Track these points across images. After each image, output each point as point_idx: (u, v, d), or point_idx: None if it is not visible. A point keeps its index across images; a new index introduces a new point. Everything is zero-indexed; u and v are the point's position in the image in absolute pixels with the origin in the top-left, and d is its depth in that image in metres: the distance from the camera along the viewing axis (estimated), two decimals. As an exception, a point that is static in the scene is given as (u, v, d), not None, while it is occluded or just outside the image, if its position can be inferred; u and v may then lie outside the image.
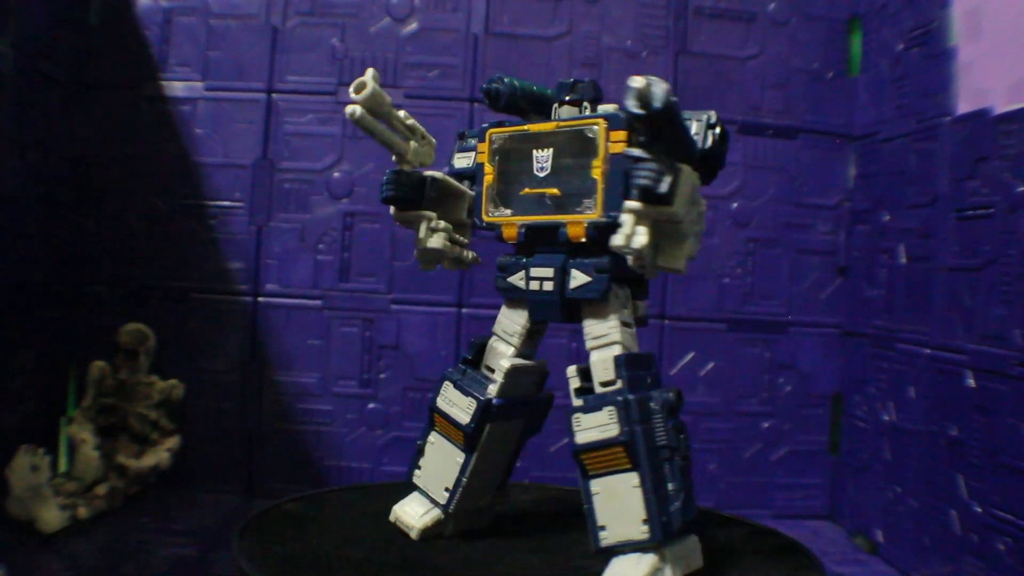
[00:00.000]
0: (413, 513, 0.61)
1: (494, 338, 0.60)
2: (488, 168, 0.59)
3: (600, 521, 0.52)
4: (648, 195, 0.47)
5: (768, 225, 1.04)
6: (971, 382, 0.76)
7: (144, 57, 1.00)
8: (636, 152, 0.49)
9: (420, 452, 0.61)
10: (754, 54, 1.04)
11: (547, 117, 0.59)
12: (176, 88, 1.01)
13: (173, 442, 0.92)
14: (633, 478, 0.50)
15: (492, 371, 0.60)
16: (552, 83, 0.61)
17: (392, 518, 0.62)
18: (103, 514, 0.84)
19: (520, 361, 0.60)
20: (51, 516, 0.78)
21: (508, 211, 0.58)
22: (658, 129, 0.47)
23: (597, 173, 0.54)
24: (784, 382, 1.04)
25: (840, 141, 1.04)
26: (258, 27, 1.01)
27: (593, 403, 0.53)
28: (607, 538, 0.51)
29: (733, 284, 1.03)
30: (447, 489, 0.60)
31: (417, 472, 0.61)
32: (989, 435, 0.73)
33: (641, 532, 0.50)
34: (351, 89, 0.54)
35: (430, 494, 0.61)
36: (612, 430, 0.51)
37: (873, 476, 0.93)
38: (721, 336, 1.03)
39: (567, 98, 0.58)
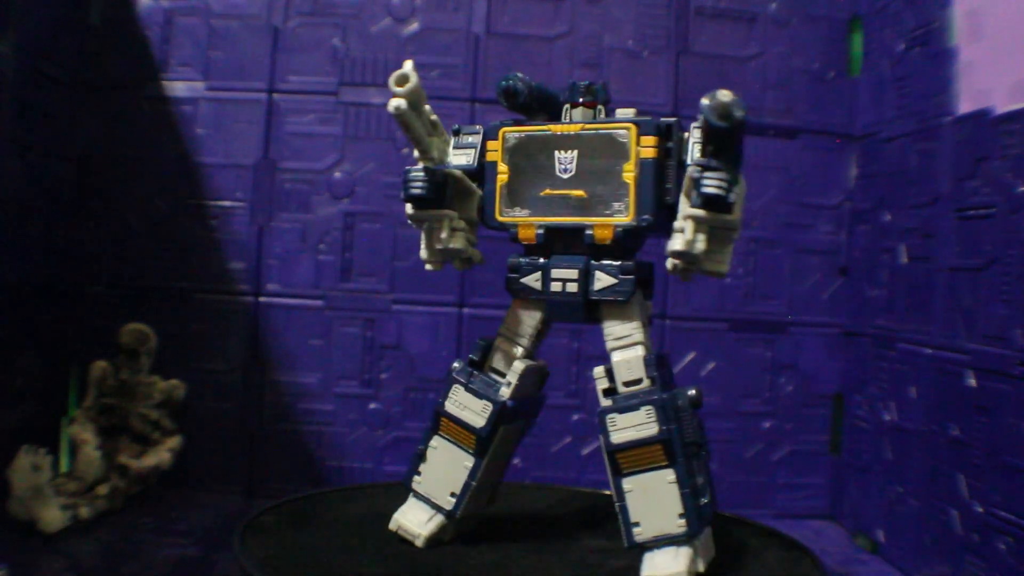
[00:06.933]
0: (417, 521, 0.60)
1: (500, 339, 0.60)
2: (502, 167, 0.59)
3: (634, 518, 0.53)
4: (716, 203, 0.48)
5: (769, 225, 1.04)
6: (972, 382, 0.76)
7: (145, 57, 1.00)
8: (704, 160, 0.50)
9: (421, 457, 0.61)
10: (755, 54, 1.04)
11: (554, 118, 0.59)
12: (177, 88, 1.01)
13: (174, 442, 0.92)
14: (669, 474, 0.52)
15: (499, 373, 0.59)
16: (554, 84, 0.61)
17: (393, 526, 0.61)
18: (104, 514, 0.84)
19: (531, 362, 0.60)
20: (52, 516, 0.78)
21: (525, 211, 0.58)
22: (728, 141, 0.49)
23: (629, 177, 0.55)
24: (785, 382, 1.04)
25: (841, 141, 1.04)
26: (259, 27, 1.01)
27: (627, 403, 0.54)
28: (641, 533, 0.53)
29: (734, 284, 1.03)
30: (453, 495, 0.59)
31: (417, 478, 0.60)
32: (990, 435, 0.73)
33: (678, 526, 0.52)
34: (392, 82, 0.52)
35: (433, 500, 0.60)
36: (651, 429, 0.52)
37: (874, 476, 0.93)
38: (722, 336, 1.03)
39: (581, 100, 0.58)
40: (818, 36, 1.05)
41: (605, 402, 0.55)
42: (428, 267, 0.61)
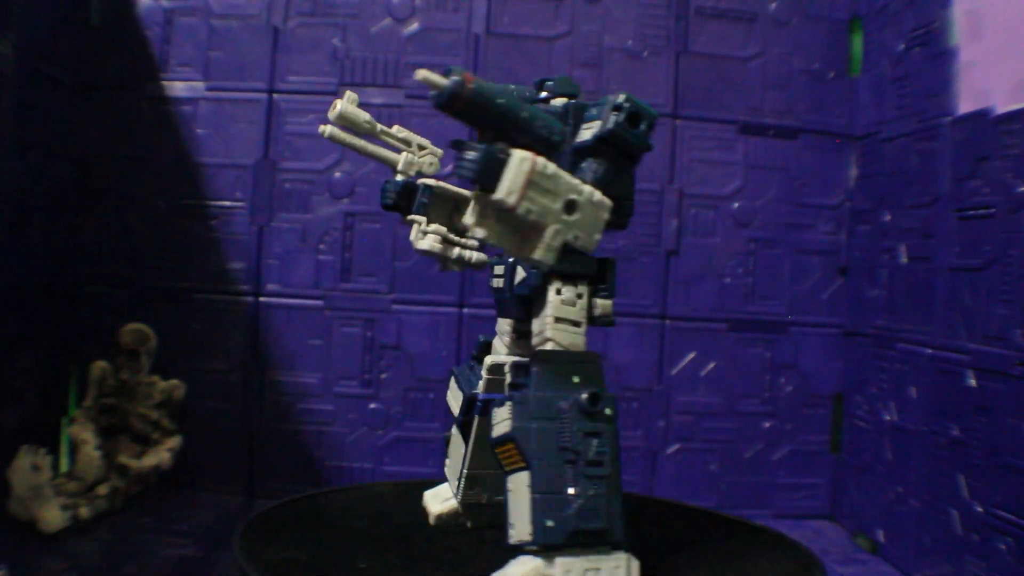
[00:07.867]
0: (436, 499, 0.64)
1: (496, 336, 0.62)
2: None
3: (510, 518, 0.50)
4: (467, 181, 0.45)
5: (769, 225, 1.04)
6: (972, 382, 0.76)
7: (145, 57, 1.00)
8: (463, 140, 0.49)
9: (446, 443, 0.65)
10: (755, 54, 1.04)
11: None
12: (177, 88, 1.01)
13: (174, 442, 0.92)
14: (526, 476, 0.49)
15: None
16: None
17: (424, 501, 0.65)
18: (104, 514, 0.84)
19: (502, 359, 0.59)
20: (52, 516, 0.78)
21: None
22: (465, 118, 0.47)
23: None
24: (785, 382, 1.04)
25: (841, 141, 1.04)
26: (259, 27, 1.01)
27: (503, 398, 0.51)
28: (512, 536, 0.49)
29: (734, 284, 1.03)
30: (457, 479, 0.61)
31: (447, 461, 0.64)
32: (990, 435, 0.73)
33: (528, 533, 0.48)
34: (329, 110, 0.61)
35: (451, 483, 0.63)
36: (506, 425, 0.50)
37: (874, 476, 0.93)
38: (722, 336, 1.03)
39: (540, 96, 0.58)
40: (818, 36, 1.05)
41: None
42: (438, 268, 0.65)
